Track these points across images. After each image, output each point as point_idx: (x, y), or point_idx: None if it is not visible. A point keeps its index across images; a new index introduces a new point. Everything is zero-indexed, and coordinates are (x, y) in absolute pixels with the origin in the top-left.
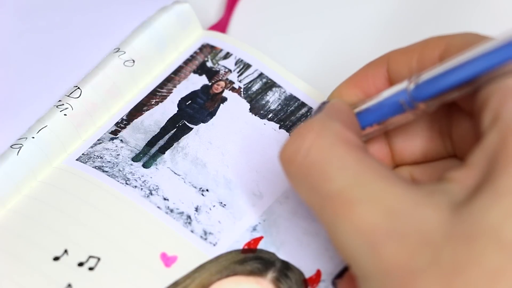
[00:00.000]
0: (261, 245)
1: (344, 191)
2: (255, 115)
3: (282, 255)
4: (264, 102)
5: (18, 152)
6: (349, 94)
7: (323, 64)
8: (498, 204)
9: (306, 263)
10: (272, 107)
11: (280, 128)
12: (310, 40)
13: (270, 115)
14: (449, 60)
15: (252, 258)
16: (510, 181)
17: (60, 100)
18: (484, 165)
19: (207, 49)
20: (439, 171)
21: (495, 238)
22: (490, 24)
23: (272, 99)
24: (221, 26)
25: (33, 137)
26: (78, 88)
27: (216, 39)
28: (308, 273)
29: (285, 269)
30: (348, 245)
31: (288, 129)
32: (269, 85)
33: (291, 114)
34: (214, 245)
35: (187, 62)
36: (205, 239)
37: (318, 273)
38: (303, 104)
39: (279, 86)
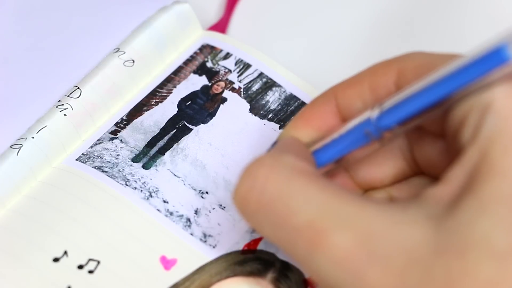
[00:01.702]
0: (260, 246)
1: (314, 221)
2: (255, 115)
3: (282, 255)
4: (264, 102)
5: (18, 152)
6: (299, 134)
7: (323, 63)
8: (485, 213)
9: None
10: (272, 107)
11: (280, 128)
12: (310, 40)
13: (270, 115)
14: (413, 84)
15: (252, 258)
16: (494, 190)
17: (60, 100)
18: (464, 180)
19: (207, 49)
20: (407, 191)
21: (487, 248)
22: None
23: (272, 99)
24: (221, 26)
25: (33, 137)
26: (78, 88)
27: (216, 39)
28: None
29: (284, 269)
30: (329, 278)
31: None
32: (269, 84)
33: (291, 114)
34: (214, 247)
35: (187, 62)
36: (205, 241)
37: None
38: (303, 104)
39: (279, 86)
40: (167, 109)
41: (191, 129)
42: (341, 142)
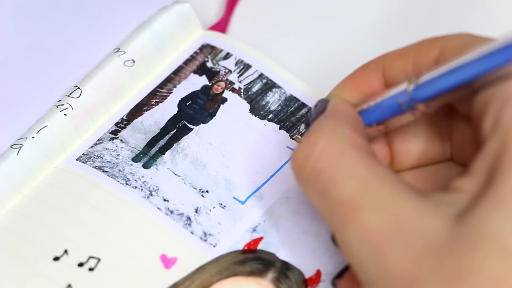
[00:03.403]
0: (261, 246)
1: (352, 198)
2: (255, 116)
3: (282, 255)
4: (264, 103)
5: (18, 152)
6: (346, 96)
7: (323, 64)
8: (499, 210)
9: (306, 263)
10: (272, 108)
11: (280, 129)
12: (310, 41)
13: (270, 116)
14: (447, 62)
15: (252, 258)
16: (510, 186)
17: (60, 100)
18: (486, 172)
19: (207, 49)
20: (435, 177)
21: (498, 245)
22: (489, 24)
23: (272, 99)
24: (221, 26)
25: (33, 137)
26: (78, 88)
27: (216, 39)
28: (308, 273)
29: (285, 269)
30: (355, 252)
31: (288, 130)
32: (269, 85)
33: (291, 115)
34: (214, 246)
35: (187, 62)
36: (205, 240)
37: (318, 273)
38: (303, 105)
39: (279, 87)
40: (167, 109)
41: (191, 129)
42: (379, 109)
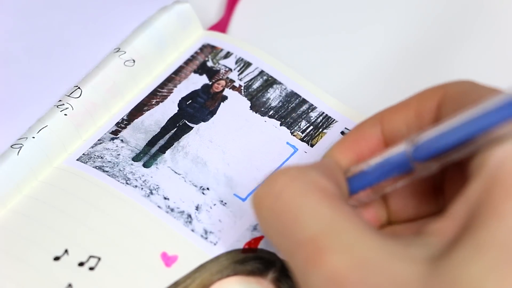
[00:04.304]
0: (261, 245)
1: (316, 238)
2: (256, 113)
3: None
4: (265, 100)
5: (18, 152)
6: (341, 158)
7: (323, 62)
8: (478, 258)
9: None
10: (273, 104)
11: (281, 125)
12: (310, 39)
13: (271, 112)
14: (449, 118)
15: (253, 258)
16: (491, 234)
17: (60, 100)
18: (465, 216)
19: (208, 49)
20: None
21: None
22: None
23: (273, 96)
24: (221, 26)
25: (34, 137)
26: (79, 88)
27: (216, 38)
28: None
29: (285, 269)
30: None
31: (289, 126)
32: (270, 82)
33: (292, 111)
34: (215, 244)
35: (187, 62)
36: (206, 238)
37: None
38: (304, 101)
39: (280, 83)
40: (167, 108)
41: (192, 128)
42: (376, 171)
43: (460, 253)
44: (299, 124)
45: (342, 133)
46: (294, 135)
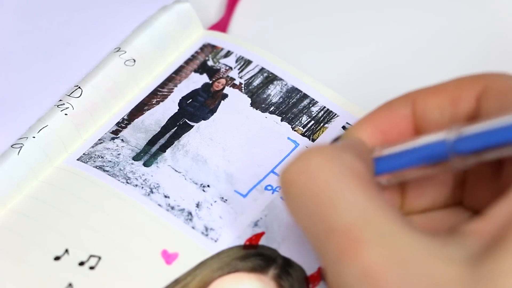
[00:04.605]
0: (262, 241)
1: (352, 228)
2: (257, 109)
3: (283, 252)
4: (265, 96)
5: (18, 151)
6: (365, 135)
7: (325, 62)
8: None
9: (307, 260)
10: (274, 100)
11: (282, 120)
12: (311, 39)
13: (271, 108)
14: (498, 115)
15: (254, 254)
16: None
17: (60, 100)
18: (506, 219)
19: (208, 48)
20: (444, 221)
21: None
22: None
23: (274, 92)
24: (221, 25)
25: (34, 137)
26: (79, 87)
27: (216, 38)
28: (310, 270)
29: (286, 266)
30: (350, 287)
31: (290, 122)
32: (271, 79)
33: (293, 106)
34: (216, 241)
35: (188, 61)
36: (206, 235)
37: (319, 271)
38: (305, 96)
39: (280, 79)
40: (168, 107)
41: (192, 126)
42: (407, 156)
43: (506, 259)
44: (300, 119)
45: (344, 127)
46: (295, 130)
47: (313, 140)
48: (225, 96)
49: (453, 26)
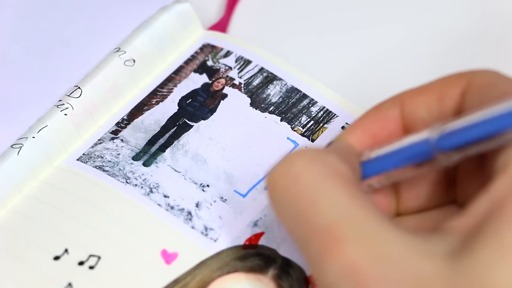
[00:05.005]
0: (262, 241)
1: (334, 227)
2: (256, 109)
3: (283, 252)
4: (265, 96)
5: (18, 152)
6: (356, 139)
7: (324, 60)
8: (505, 261)
9: None
10: (273, 100)
11: (281, 120)
12: (311, 38)
13: (271, 108)
14: (477, 109)
15: (253, 254)
16: None
17: (60, 100)
18: (487, 214)
19: (208, 48)
20: (436, 219)
21: None
22: None
23: (273, 92)
24: (221, 25)
25: (34, 137)
26: (79, 87)
27: (216, 38)
28: (309, 271)
29: (286, 266)
30: (332, 285)
31: (289, 122)
32: (270, 78)
33: (292, 106)
34: (215, 241)
35: (187, 61)
36: (206, 235)
37: None
38: (304, 96)
39: (280, 79)
40: (167, 107)
41: (192, 126)
42: (393, 157)
43: (486, 253)
44: (299, 119)
45: (343, 128)
46: (294, 130)
47: (312, 140)
48: (225, 96)
49: (453, 25)
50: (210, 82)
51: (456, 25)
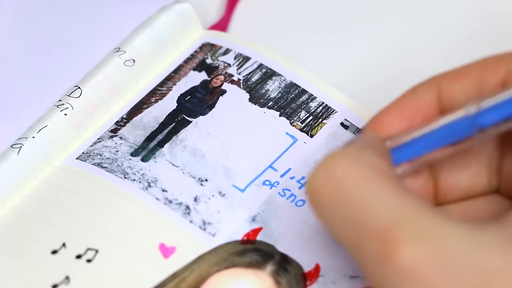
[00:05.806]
0: (260, 237)
1: (387, 228)
2: (255, 104)
3: (281, 248)
4: (264, 91)
5: (18, 151)
6: (390, 124)
7: (324, 59)
8: None
9: (305, 257)
10: (272, 95)
11: (280, 116)
12: (311, 38)
13: (270, 103)
14: None
15: (251, 249)
16: None
17: (60, 100)
18: None
19: (207, 47)
20: (480, 210)
21: None
22: None
23: (272, 87)
24: (221, 25)
25: (34, 137)
26: (79, 87)
27: (216, 38)
28: (307, 267)
29: (284, 262)
30: None
31: (288, 117)
32: (269, 74)
33: (291, 101)
34: (213, 235)
35: (187, 61)
36: (204, 229)
37: (317, 268)
38: (303, 91)
39: (279, 75)
40: (166, 105)
41: (190, 122)
42: (428, 139)
43: None
44: (298, 114)
45: (342, 124)
46: (293, 126)
47: (311, 136)
48: (224, 91)
49: (453, 25)
50: (209, 79)
51: (456, 25)
